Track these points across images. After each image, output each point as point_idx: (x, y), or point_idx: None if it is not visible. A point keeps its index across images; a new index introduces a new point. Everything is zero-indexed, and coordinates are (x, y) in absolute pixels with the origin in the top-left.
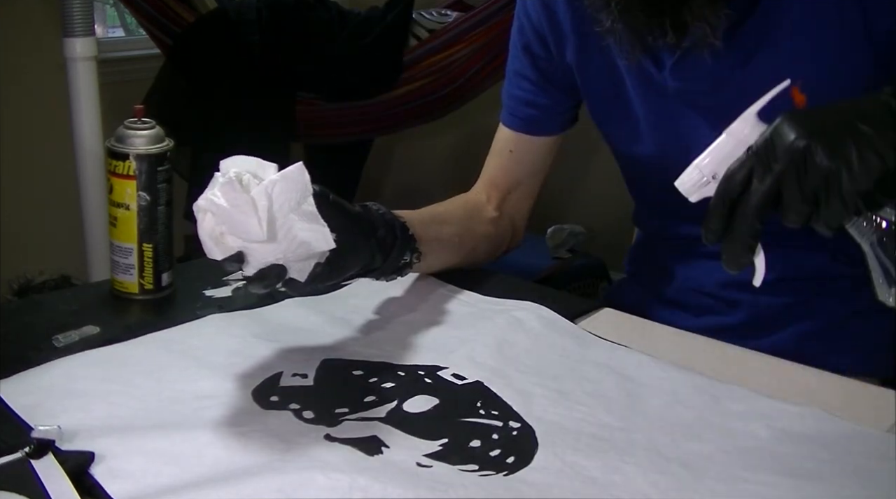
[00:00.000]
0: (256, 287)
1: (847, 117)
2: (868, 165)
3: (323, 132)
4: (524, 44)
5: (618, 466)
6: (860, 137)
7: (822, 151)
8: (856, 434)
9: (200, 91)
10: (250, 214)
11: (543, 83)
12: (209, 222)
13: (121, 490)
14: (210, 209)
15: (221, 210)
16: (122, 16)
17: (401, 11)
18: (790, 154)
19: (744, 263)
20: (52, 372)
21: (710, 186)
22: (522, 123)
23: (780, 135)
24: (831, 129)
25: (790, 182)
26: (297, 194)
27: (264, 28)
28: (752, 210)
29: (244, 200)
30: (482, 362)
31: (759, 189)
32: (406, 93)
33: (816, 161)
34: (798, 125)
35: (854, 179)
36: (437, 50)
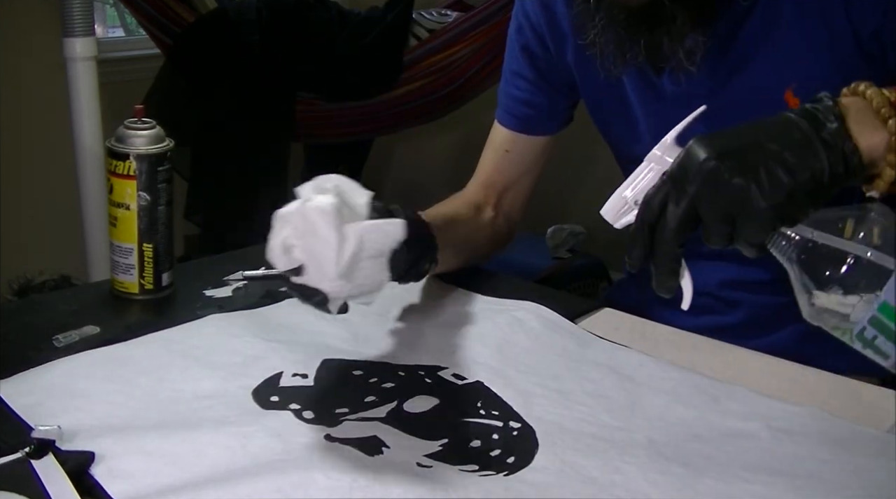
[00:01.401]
0: (291, 292)
1: (755, 137)
2: (777, 181)
3: (323, 132)
4: (522, 44)
5: (618, 466)
6: (768, 155)
7: (732, 170)
8: (856, 434)
9: (200, 91)
10: (333, 248)
11: (541, 83)
12: (286, 232)
13: (121, 490)
14: (294, 224)
15: (307, 231)
16: (122, 16)
17: (401, 11)
18: (701, 175)
19: (671, 286)
20: (53, 372)
21: (633, 213)
22: (519, 123)
23: (692, 157)
24: (740, 148)
25: (705, 203)
26: (383, 247)
27: (264, 28)
28: (669, 234)
29: (334, 237)
30: (482, 362)
31: (674, 212)
32: (406, 93)
33: (727, 179)
34: (708, 147)
35: (765, 195)
36: (437, 50)
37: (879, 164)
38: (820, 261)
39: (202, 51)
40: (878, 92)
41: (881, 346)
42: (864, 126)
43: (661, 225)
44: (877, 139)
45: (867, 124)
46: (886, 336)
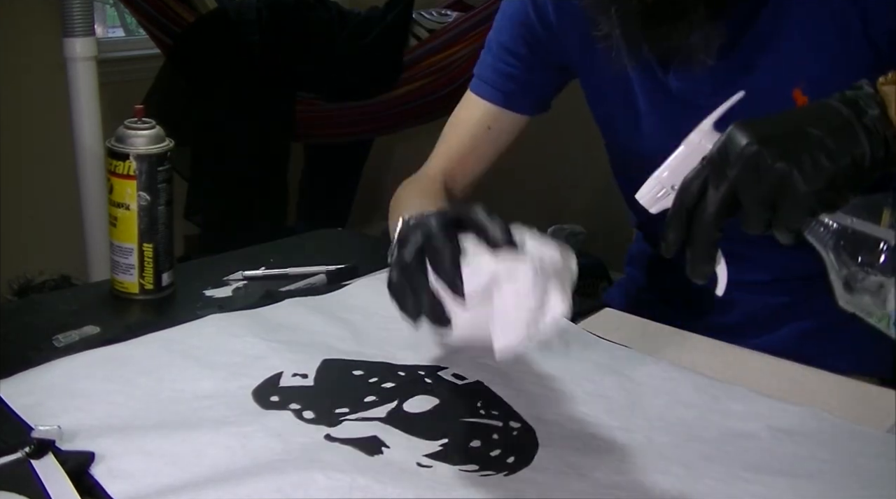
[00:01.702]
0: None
1: (797, 122)
2: (819, 166)
3: (323, 132)
4: (521, 19)
5: (618, 466)
6: (810, 140)
7: (774, 155)
8: (856, 434)
9: (200, 91)
10: (520, 325)
11: (532, 60)
12: (486, 282)
13: (121, 490)
14: (506, 282)
15: (506, 298)
16: (122, 16)
17: (401, 11)
18: (743, 159)
19: (706, 271)
20: (53, 372)
21: (668, 198)
22: (504, 97)
23: (733, 142)
24: (782, 133)
25: (745, 187)
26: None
27: (264, 28)
28: (708, 218)
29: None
30: (482, 362)
31: (714, 196)
32: (406, 93)
33: (769, 164)
34: (749, 131)
35: (807, 180)
36: (437, 50)
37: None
38: (856, 248)
39: (202, 51)
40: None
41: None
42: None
43: (699, 209)
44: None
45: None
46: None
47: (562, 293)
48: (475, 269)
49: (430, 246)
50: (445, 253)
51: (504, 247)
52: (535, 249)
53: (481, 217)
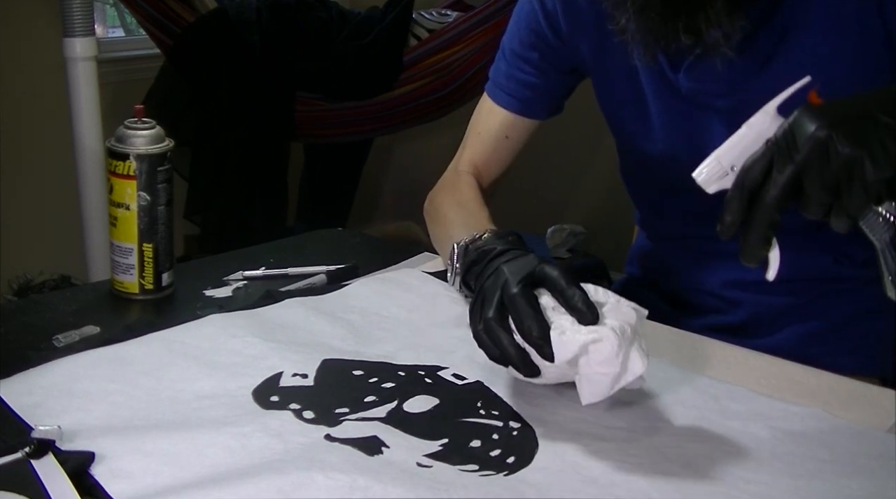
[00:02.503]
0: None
1: (867, 108)
2: (890, 153)
3: (323, 132)
4: (532, 25)
5: (618, 466)
6: (881, 127)
7: (845, 140)
8: (856, 434)
9: (200, 91)
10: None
11: (544, 66)
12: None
13: (121, 490)
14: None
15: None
16: (122, 16)
17: (401, 11)
18: (811, 143)
19: (761, 255)
20: (53, 372)
21: (727, 178)
22: (521, 105)
23: (801, 126)
24: (852, 119)
25: (812, 171)
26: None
27: (264, 28)
28: (772, 200)
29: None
30: (482, 362)
31: (779, 179)
32: (406, 93)
33: (839, 149)
34: (819, 116)
35: (878, 167)
36: (437, 50)
37: None
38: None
39: (202, 51)
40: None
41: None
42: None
43: (762, 191)
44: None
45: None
46: None
47: (640, 355)
48: (563, 341)
49: (514, 309)
50: (532, 323)
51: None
52: (614, 316)
53: (555, 277)
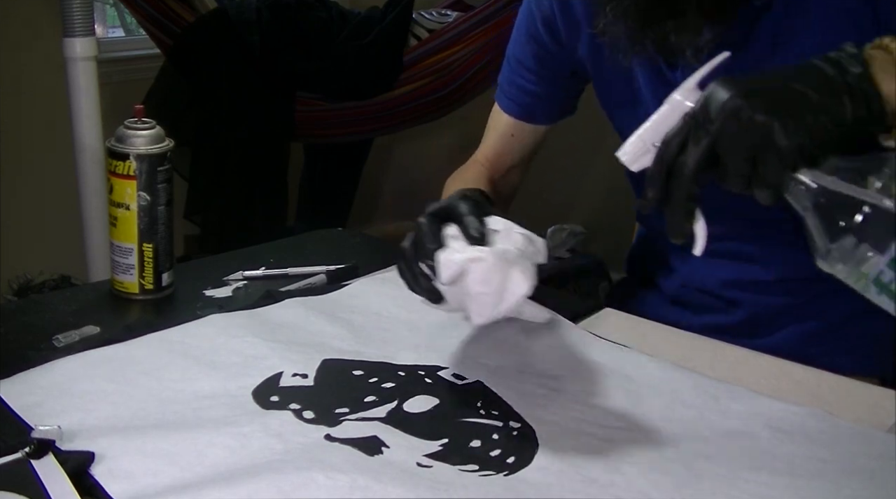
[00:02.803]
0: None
1: (780, 79)
2: (801, 120)
3: (323, 132)
4: (531, 32)
5: (618, 466)
6: (793, 95)
7: (756, 108)
8: (856, 434)
9: (200, 91)
10: (487, 303)
11: (544, 73)
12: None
13: (121, 490)
14: (471, 271)
15: (488, 274)
16: (122, 16)
17: (401, 11)
18: (724, 112)
19: (686, 230)
20: (53, 372)
21: (649, 156)
22: (522, 111)
23: (715, 97)
24: (764, 88)
25: (726, 140)
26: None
27: (264, 28)
28: (689, 172)
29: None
30: (482, 362)
31: (695, 151)
32: (406, 93)
33: (752, 117)
34: (732, 86)
35: (789, 134)
36: (437, 50)
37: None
38: (836, 209)
39: (202, 51)
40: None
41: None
42: (886, 74)
43: (679, 164)
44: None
45: (890, 73)
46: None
47: (523, 276)
48: (445, 260)
49: (419, 238)
50: (428, 247)
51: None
52: (503, 241)
53: (462, 211)
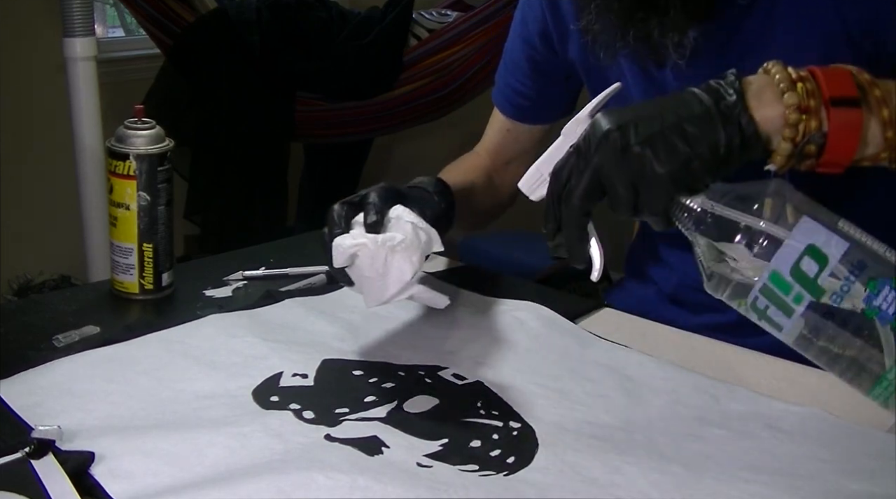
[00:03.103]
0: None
1: (657, 109)
2: (673, 149)
3: (323, 132)
4: (524, 36)
5: (618, 466)
6: (666, 125)
7: (633, 139)
8: (856, 434)
9: (200, 91)
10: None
11: (536, 76)
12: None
13: (121, 490)
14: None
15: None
16: (122, 16)
17: (401, 11)
18: (603, 144)
19: (582, 256)
20: (53, 372)
21: (545, 186)
22: (515, 111)
23: (595, 128)
24: (640, 119)
25: (606, 171)
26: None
27: (264, 28)
28: (575, 202)
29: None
30: (482, 362)
31: (579, 181)
32: (406, 93)
33: (629, 147)
34: (611, 118)
35: (661, 163)
36: (437, 50)
37: (775, 138)
38: (717, 231)
39: (202, 51)
40: (783, 69)
41: (773, 317)
42: (762, 101)
43: (566, 193)
44: (772, 113)
45: (766, 99)
46: (777, 306)
47: (407, 262)
48: (336, 245)
49: (328, 223)
50: (333, 232)
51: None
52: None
53: (369, 200)
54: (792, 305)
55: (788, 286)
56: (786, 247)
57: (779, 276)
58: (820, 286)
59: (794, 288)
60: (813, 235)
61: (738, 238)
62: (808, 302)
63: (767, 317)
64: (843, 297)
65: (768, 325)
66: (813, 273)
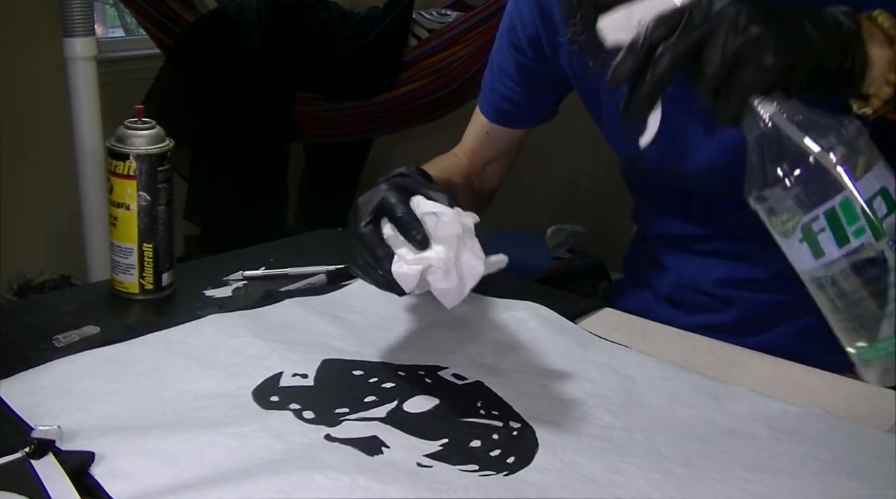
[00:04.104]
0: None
1: (785, 4)
2: (793, 44)
3: (323, 132)
4: (513, 42)
5: (618, 466)
6: (793, 19)
7: (756, 18)
8: (856, 434)
9: (200, 91)
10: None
11: (524, 82)
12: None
13: (121, 490)
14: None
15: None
16: (122, 16)
17: (401, 11)
18: (723, 14)
19: (643, 116)
20: (53, 372)
21: (629, 33)
22: (499, 115)
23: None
24: (768, 5)
25: (715, 41)
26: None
27: (264, 28)
28: (668, 60)
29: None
30: (482, 362)
31: (681, 41)
32: (406, 93)
33: (749, 26)
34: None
35: (777, 52)
36: (437, 50)
37: (878, 80)
38: (781, 149)
39: (202, 51)
40: (888, 17)
41: (824, 242)
42: (873, 40)
43: (661, 49)
44: (882, 52)
45: (877, 40)
46: (835, 233)
47: (476, 259)
48: (402, 276)
49: (363, 249)
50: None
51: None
52: (442, 232)
53: (394, 210)
54: (851, 236)
55: (856, 217)
56: (865, 180)
57: (850, 204)
58: (883, 228)
59: (860, 221)
60: (885, 180)
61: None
62: (867, 240)
63: (815, 241)
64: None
65: (809, 247)
66: (882, 213)
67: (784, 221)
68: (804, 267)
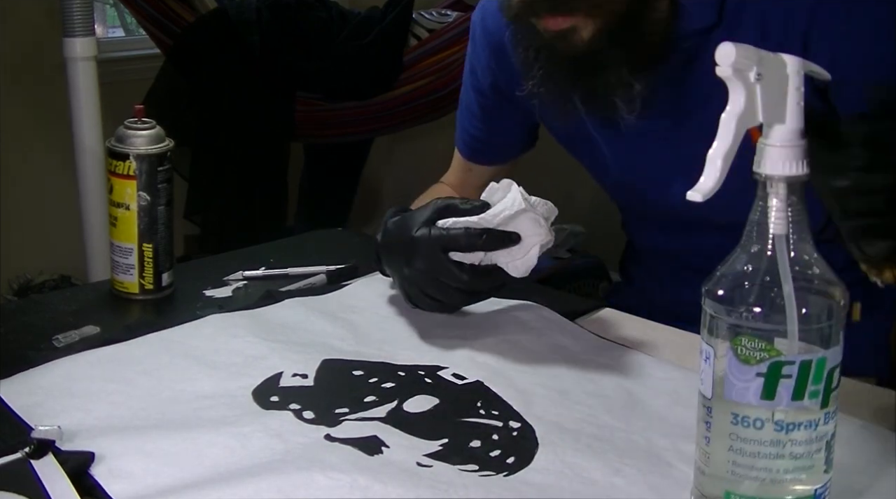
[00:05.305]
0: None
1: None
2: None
3: (323, 132)
4: (475, 85)
5: (618, 467)
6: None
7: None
8: (856, 434)
9: (200, 91)
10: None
11: (491, 122)
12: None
13: (121, 490)
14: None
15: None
16: (122, 16)
17: (401, 11)
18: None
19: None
20: (53, 372)
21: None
22: (473, 154)
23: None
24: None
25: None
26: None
27: (264, 28)
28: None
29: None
30: (482, 362)
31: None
32: (406, 93)
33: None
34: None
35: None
36: (437, 50)
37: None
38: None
39: (202, 51)
40: None
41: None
42: None
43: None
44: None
45: None
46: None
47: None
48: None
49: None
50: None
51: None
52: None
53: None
54: (806, 395)
55: (820, 379)
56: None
57: (824, 364)
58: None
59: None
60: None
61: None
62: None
63: (775, 384)
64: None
65: (762, 387)
66: (833, 385)
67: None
68: (732, 397)
